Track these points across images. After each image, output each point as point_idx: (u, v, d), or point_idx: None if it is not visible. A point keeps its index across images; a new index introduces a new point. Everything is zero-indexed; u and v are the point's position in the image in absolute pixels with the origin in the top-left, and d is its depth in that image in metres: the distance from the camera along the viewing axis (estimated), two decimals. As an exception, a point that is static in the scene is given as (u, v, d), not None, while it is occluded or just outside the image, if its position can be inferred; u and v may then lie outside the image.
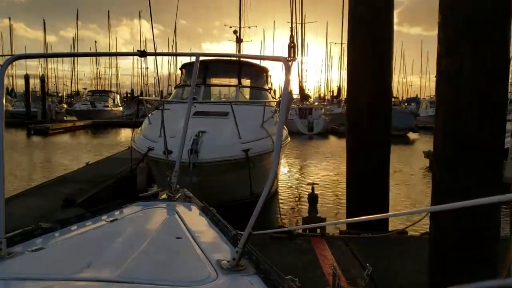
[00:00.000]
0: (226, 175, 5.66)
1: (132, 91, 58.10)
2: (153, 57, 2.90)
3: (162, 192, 2.07)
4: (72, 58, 51.58)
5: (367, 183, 5.39)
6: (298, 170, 12.97)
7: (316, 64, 64.93)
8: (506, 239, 3.18)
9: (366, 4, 5.32)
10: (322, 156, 16.16)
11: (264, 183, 1.38)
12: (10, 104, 35.33)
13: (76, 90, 54.74)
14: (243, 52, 19.35)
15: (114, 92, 42.75)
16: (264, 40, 49.55)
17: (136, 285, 1.10)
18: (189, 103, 2.43)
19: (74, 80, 55.08)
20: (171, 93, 12.68)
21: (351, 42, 5.59)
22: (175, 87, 10.36)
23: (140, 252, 1.32)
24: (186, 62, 9.89)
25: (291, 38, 11.23)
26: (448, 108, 2.88)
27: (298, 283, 1.23)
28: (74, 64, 54.02)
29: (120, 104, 40.00)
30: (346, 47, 6.10)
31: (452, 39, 2.80)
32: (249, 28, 27.67)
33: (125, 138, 23.00)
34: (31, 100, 30.50)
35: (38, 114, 29.64)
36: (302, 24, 34.68)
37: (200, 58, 2.33)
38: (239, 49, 18.53)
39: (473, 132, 2.78)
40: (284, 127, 8.88)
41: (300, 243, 4.62)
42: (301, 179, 11.23)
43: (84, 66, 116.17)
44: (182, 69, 9.81)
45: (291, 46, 9.53)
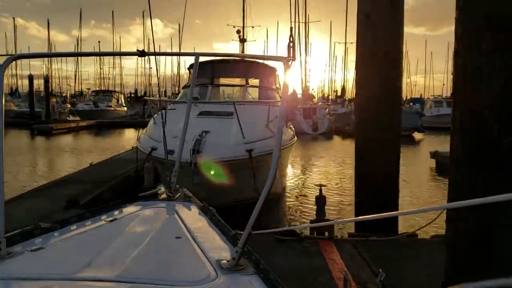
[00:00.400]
0: (229, 175, 5.62)
1: (135, 91, 58.42)
2: (157, 57, 2.88)
3: (161, 192, 2.07)
4: (76, 58, 52.04)
5: (376, 183, 5.30)
6: (303, 170, 12.90)
7: (320, 64, 64.94)
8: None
9: (374, 1, 5.23)
10: (328, 156, 16.08)
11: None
12: (14, 104, 35.49)
13: (80, 90, 55.04)
14: (246, 51, 19.31)
15: (118, 92, 42.88)
16: (267, 39, 49.52)
17: (135, 284, 1.10)
18: (188, 103, 2.42)
19: (78, 80, 55.42)
20: (176, 93, 12.68)
21: (359, 41, 5.50)
22: (182, 87, 10.49)
23: (139, 251, 1.32)
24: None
25: (291, 37, 11.19)
26: (466, 107, 2.78)
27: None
28: (78, 64, 54.35)
29: (124, 104, 40.12)
30: (350, 46, 6.03)
31: (470, 36, 2.69)
32: (252, 28, 27.60)
33: (128, 138, 23.02)
34: (35, 100, 30.68)
35: (42, 114, 29.83)
36: (306, 23, 34.80)
37: (202, 59, 2.31)
38: (243, 48, 18.49)
39: (492, 132, 2.67)
40: (291, 127, 8.86)
41: (307, 246, 4.54)
42: (307, 180, 11.14)
43: (88, 66, 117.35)
44: (190, 69, 9.83)
45: (291, 46, 9.49)
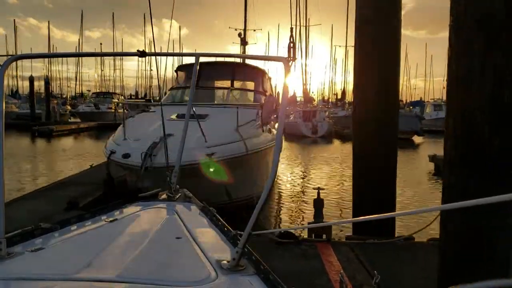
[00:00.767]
0: (188, 179, 5.46)
1: (136, 93, 58.43)
2: (158, 59, 2.86)
3: (162, 192, 2.07)
4: (77, 59, 52.07)
5: (374, 186, 5.32)
6: (302, 173, 12.91)
7: (320, 67, 64.91)
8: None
9: (373, 6, 5.26)
10: (327, 159, 16.09)
11: (242, 187, 1.36)
12: (15, 105, 35.46)
13: (81, 91, 55.07)
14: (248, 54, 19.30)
15: (118, 94, 42.89)
16: (268, 42, 49.62)
17: (135, 285, 1.10)
18: (188, 105, 2.39)
19: (78, 82, 55.48)
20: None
21: (357, 44, 5.53)
22: (169, 89, 10.07)
23: (139, 252, 1.32)
24: (181, 64, 9.77)
25: (291, 38, 11.19)
26: (459, 111, 2.81)
27: None
28: (78, 66, 54.43)
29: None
30: (350, 49, 6.05)
31: (463, 41, 2.73)
32: (254, 31, 27.64)
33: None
34: (35, 101, 30.61)
35: (42, 115, 29.76)
36: (306, 27, 34.84)
37: (190, 60, 2.30)
38: (244, 51, 18.52)
39: (484, 135, 2.71)
40: (272, 130, 8.45)
41: (305, 249, 4.57)
42: (306, 183, 11.16)
43: (89, 68, 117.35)
44: (177, 71, 9.69)
45: (291, 47, 9.49)
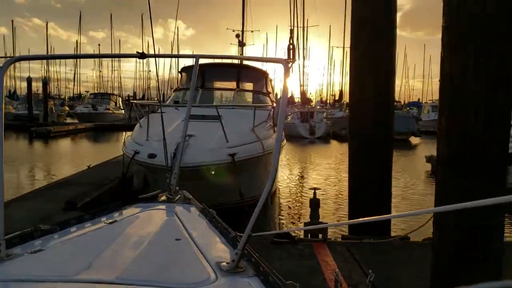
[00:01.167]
0: (211, 179, 5.59)
1: (134, 94, 58.38)
2: (157, 60, 2.87)
3: (161, 194, 2.06)
4: (75, 60, 51.97)
5: (370, 187, 5.35)
6: (300, 174, 12.94)
7: (318, 68, 64.91)
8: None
9: (369, 7, 5.30)
10: (324, 160, 16.12)
11: (255, 187, 1.36)
12: (12, 106, 35.35)
13: (79, 92, 55.00)
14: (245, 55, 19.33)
15: (116, 95, 42.85)
16: (266, 43, 49.64)
17: (135, 287, 1.10)
18: (188, 106, 2.39)
19: (76, 83, 55.39)
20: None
21: (353, 45, 5.57)
22: (174, 90, 10.30)
23: (139, 254, 1.31)
24: (186, 65, 9.86)
25: (291, 39, 11.21)
26: (452, 112, 2.85)
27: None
28: (76, 67, 54.35)
29: (122, 107, 40.10)
30: (348, 50, 6.08)
31: (456, 42, 2.77)
32: (252, 32, 27.66)
33: (126, 141, 22.98)
34: (33, 102, 30.52)
35: (40, 116, 29.70)
36: (304, 28, 34.89)
37: (200, 61, 2.31)
38: (242, 52, 18.55)
39: (477, 136, 2.74)
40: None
41: (301, 249, 4.59)
42: (303, 184, 11.19)
43: (87, 69, 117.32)
44: (181, 72, 9.78)
45: (291, 48, 9.51)
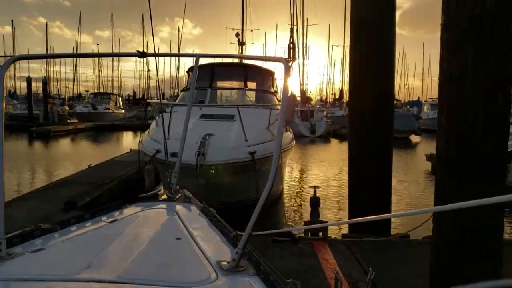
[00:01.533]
0: (232, 177, 5.69)
1: (134, 93, 58.40)
2: (157, 59, 2.87)
3: (162, 193, 2.08)
4: (74, 60, 51.95)
5: (369, 186, 5.36)
6: (300, 172, 12.94)
7: (318, 67, 64.87)
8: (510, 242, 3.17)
9: (368, 6, 5.29)
10: (325, 158, 16.13)
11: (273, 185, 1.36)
12: (12, 106, 35.31)
13: (78, 92, 54.95)
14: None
15: (116, 95, 42.83)
16: (266, 42, 49.61)
17: (135, 285, 1.10)
18: (188, 106, 2.42)
19: (76, 83, 55.36)
20: (174, 95, 12.60)
21: (353, 44, 5.57)
22: (181, 90, 10.44)
23: (139, 253, 1.32)
24: (193, 65, 9.89)
25: (291, 38, 11.21)
26: (451, 110, 2.85)
27: (300, 286, 1.21)
28: (76, 67, 54.31)
29: (122, 107, 40.09)
30: (348, 49, 6.09)
31: (455, 41, 2.77)
32: (251, 31, 27.64)
33: (126, 140, 23.05)
34: (33, 102, 30.51)
35: (40, 116, 29.67)
36: (304, 26, 34.89)
37: (207, 61, 2.32)
38: (242, 51, 18.54)
39: (476, 135, 2.74)
40: (290, 130, 8.91)
41: (302, 247, 4.60)
42: (303, 182, 11.19)
43: (87, 69, 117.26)
44: (189, 72, 9.83)
45: (291, 47, 9.52)
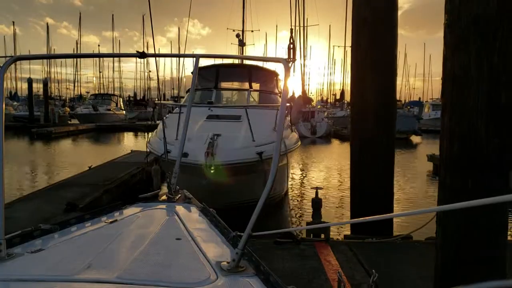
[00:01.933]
0: (241, 177, 5.72)
1: (134, 94, 58.45)
2: (158, 60, 2.85)
3: (162, 193, 2.07)
4: (75, 61, 52.05)
5: (371, 186, 5.34)
6: (302, 173, 12.93)
7: (318, 67, 64.95)
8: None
9: (370, 6, 5.29)
10: (326, 159, 16.12)
11: (277, 185, 1.34)
12: (13, 108, 35.35)
13: (79, 93, 55.03)
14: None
15: (117, 96, 42.86)
16: (266, 43, 49.68)
17: (135, 286, 1.10)
18: (188, 106, 2.37)
19: (77, 84, 55.46)
20: (174, 96, 12.59)
21: (354, 45, 5.56)
22: (186, 91, 10.49)
23: (139, 253, 1.31)
24: (200, 66, 9.90)
25: (291, 39, 11.18)
26: (454, 111, 2.84)
27: None
28: (77, 68, 54.41)
29: (123, 108, 40.13)
30: (349, 50, 6.08)
31: (458, 41, 2.75)
32: (252, 32, 27.70)
33: (127, 142, 23.06)
34: (34, 104, 30.54)
35: (41, 118, 29.66)
36: (304, 27, 34.87)
37: (207, 62, 2.31)
38: (242, 52, 18.55)
39: (479, 135, 2.73)
40: (295, 131, 8.91)
41: (304, 248, 4.58)
42: (305, 183, 11.18)
43: (88, 70, 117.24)
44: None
45: (291, 48, 9.50)
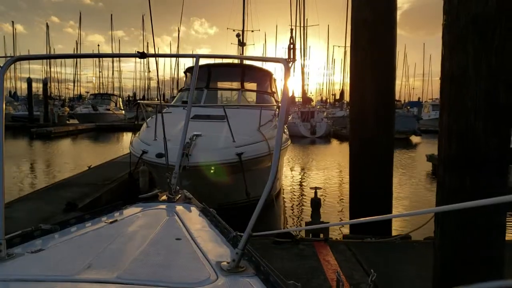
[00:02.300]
0: (219, 178, 5.65)
1: (134, 94, 58.48)
2: (157, 60, 2.87)
3: (162, 193, 2.07)
4: (75, 61, 52.04)
5: (370, 186, 5.35)
6: (301, 173, 12.93)
7: (318, 67, 64.91)
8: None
9: (369, 7, 5.30)
10: (325, 159, 16.13)
11: (261, 186, 1.35)
12: (12, 107, 35.32)
13: (79, 93, 55.04)
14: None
15: (116, 96, 42.86)
16: (266, 43, 49.72)
17: (135, 286, 1.10)
18: (188, 106, 2.41)
19: (76, 84, 55.47)
20: (174, 96, 12.62)
21: (354, 45, 5.57)
22: (178, 91, 10.41)
23: (139, 253, 1.32)
24: (190, 66, 9.87)
25: (291, 39, 11.20)
26: (453, 110, 2.84)
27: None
28: (76, 68, 54.42)
29: (122, 107, 40.12)
30: (349, 50, 6.09)
31: (457, 41, 2.76)
32: (252, 32, 27.73)
33: (126, 141, 23.02)
34: (33, 103, 30.50)
35: (41, 117, 29.62)
36: (304, 27, 34.88)
37: (206, 61, 2.33)
38: (242, 52, 18.56)
39: (478, 134, 2.73)
40: (285, 131, 8.84)
41: (303, 248, 4.59)
42: (304, 183, 11.19)
43: (87, 70, 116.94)
44: (186, 72, 9.80)
45: (291, 48, 9.51)
